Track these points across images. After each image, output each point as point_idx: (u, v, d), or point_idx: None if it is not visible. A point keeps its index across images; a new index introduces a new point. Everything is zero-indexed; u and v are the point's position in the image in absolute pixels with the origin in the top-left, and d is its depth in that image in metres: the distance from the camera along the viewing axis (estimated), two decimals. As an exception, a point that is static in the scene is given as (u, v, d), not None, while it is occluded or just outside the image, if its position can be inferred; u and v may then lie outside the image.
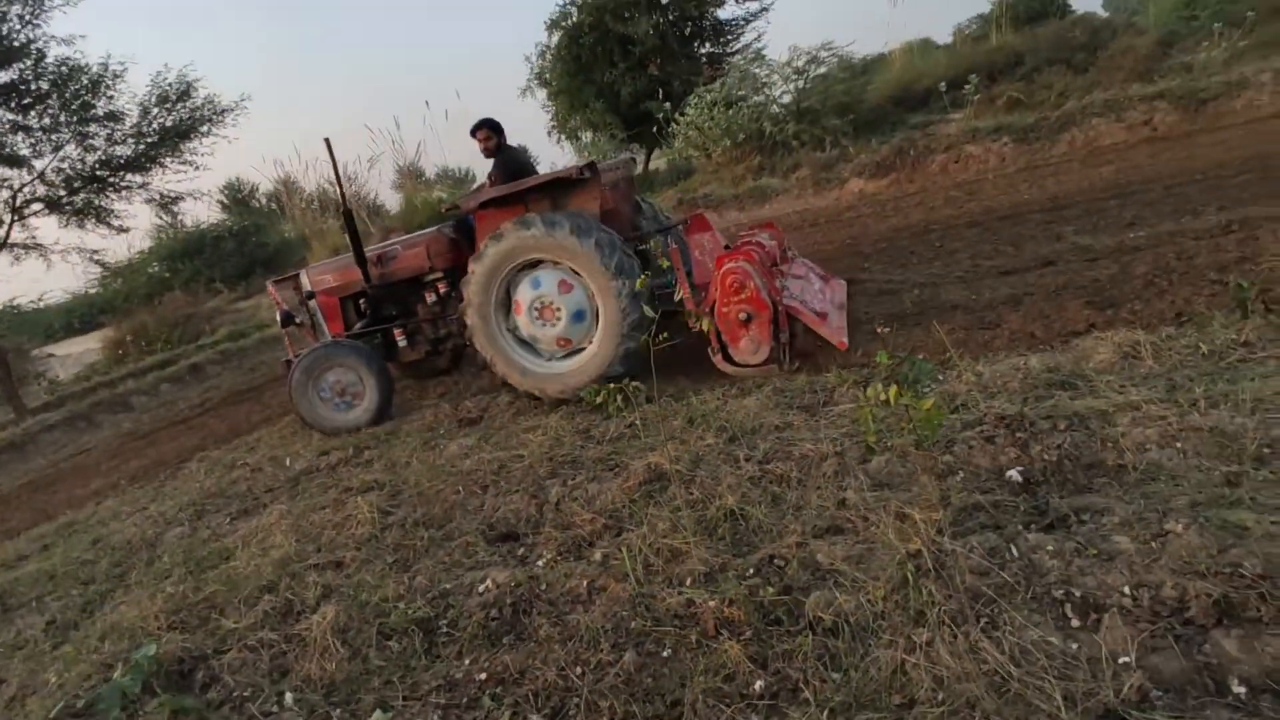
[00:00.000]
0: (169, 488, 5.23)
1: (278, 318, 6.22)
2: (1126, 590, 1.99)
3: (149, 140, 12.47)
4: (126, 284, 19.94)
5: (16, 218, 11.68)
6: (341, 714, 2.34)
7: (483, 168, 8.53)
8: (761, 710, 1.99)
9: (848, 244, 7.97)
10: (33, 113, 11.83)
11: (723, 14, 16.93)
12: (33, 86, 11.67)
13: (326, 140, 5.40)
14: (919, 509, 2.51)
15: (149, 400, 10.26)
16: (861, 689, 1.97)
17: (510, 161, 5.68)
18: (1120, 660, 1.82)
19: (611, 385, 4.37)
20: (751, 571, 2.50)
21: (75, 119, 12.03)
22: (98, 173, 12.19)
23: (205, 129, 12.89)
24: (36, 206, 11.89)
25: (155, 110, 12.43)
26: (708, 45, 17.38)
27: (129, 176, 12.51)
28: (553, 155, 33.44)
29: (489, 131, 5.67)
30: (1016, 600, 2.09)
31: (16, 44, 11.27)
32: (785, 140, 13.20)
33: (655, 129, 15.72)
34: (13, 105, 11.65)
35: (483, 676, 2.33)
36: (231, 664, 2.66)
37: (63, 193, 11.93)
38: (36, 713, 2.68)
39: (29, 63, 11.56)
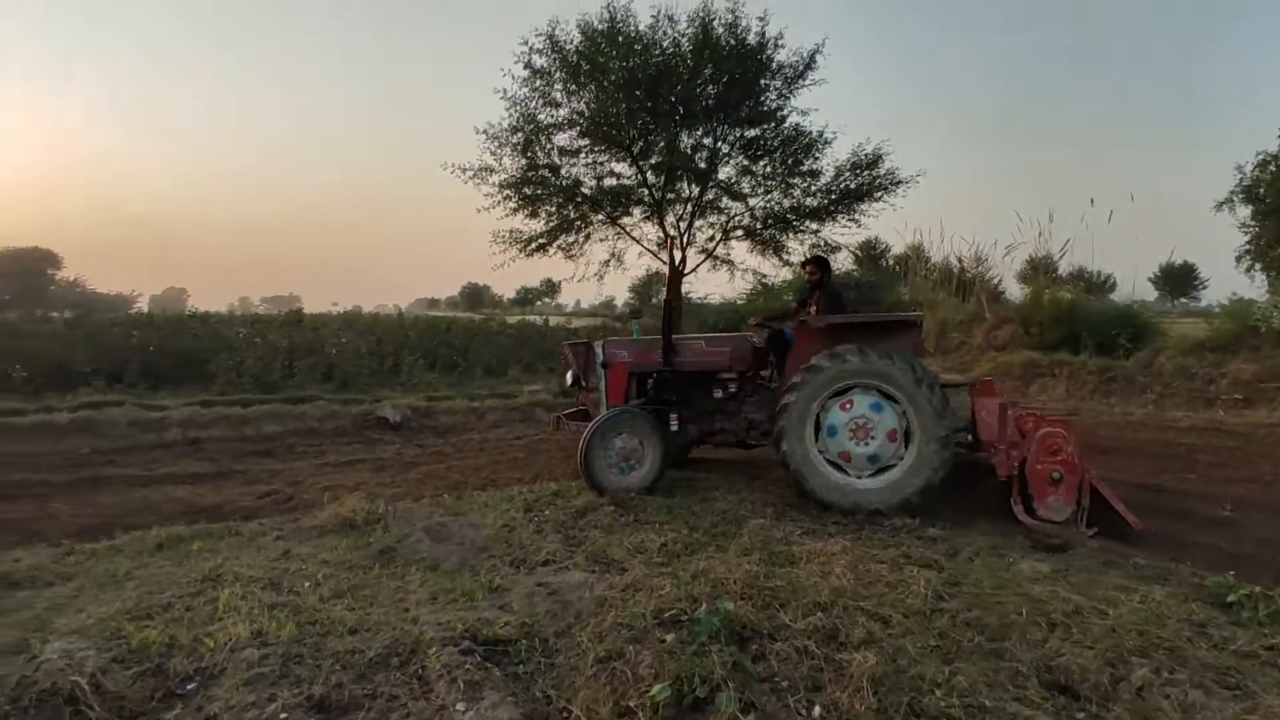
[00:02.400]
0: (758, 484, 6.18)
1: (568, 377, 6.85)
2: None
3: (832, 196, 14.73)
4: (765, 303, 23.92)
5: (723, 237, 15.22)
6: (857, 754, 2.49)
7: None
8: None
9: None
10: (761, 162, 15.16)
11: None
12: (768, 143, 14.93)
13: (669, 241, 6.15)
14: None
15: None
16: None
17: (833, 294, 6.62)
18: None
19: (1258, 588, 3.55)
20: None
21: (785, 171, 14.97)
22: (787, 215, 14.99)
23: (879, 195, 14.57)
24: (738, 233, 15.30)
25: (846, 174, 14.59)
26: None
27: (808, 223, 15.05)
28: (1235, 282, 27.64)
29: (815, 267, 6.78)
30: None
31: (767, 109, 14.54)
32: None
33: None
34: (749, 154, 15.11)
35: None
36: (780, 653, 3.07)
37: (759, 226, 15.05)
38: (644, 604, 3.54)
39: (772, 125, 14.81)
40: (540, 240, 15.77)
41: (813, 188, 14.88)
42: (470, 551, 4.58)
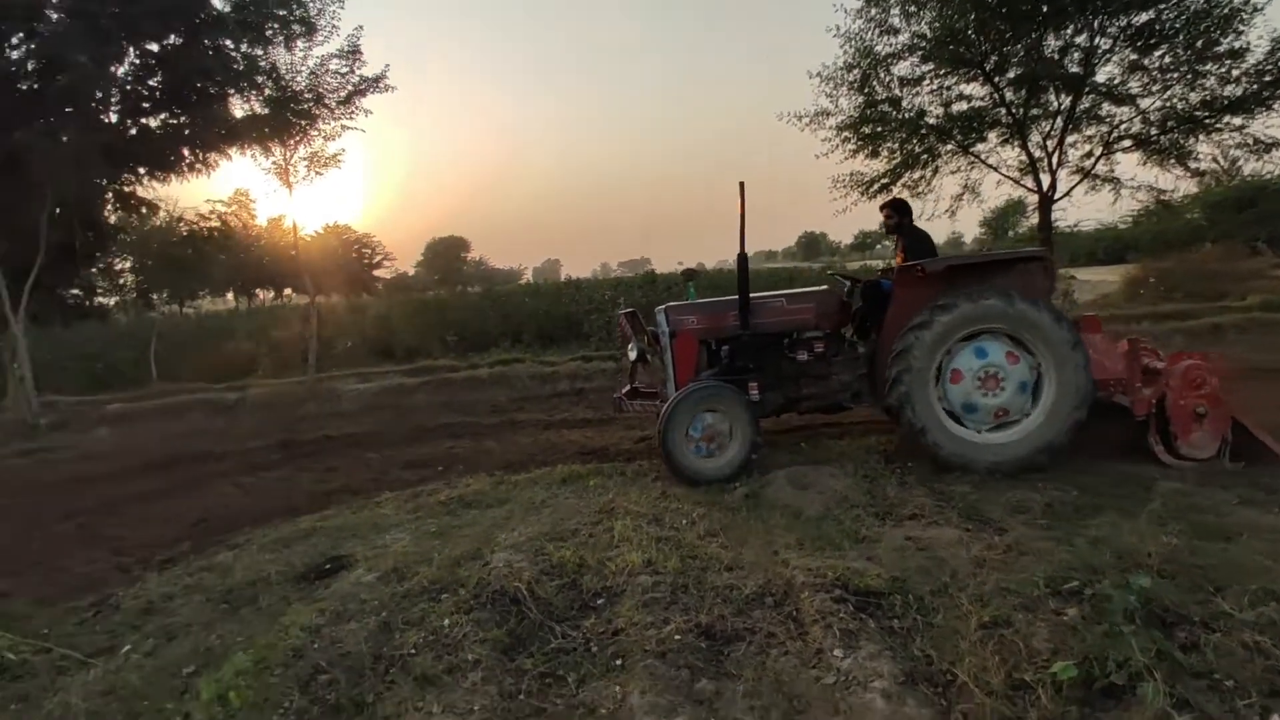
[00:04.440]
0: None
1: (630, 351, 6.08)
2: None
3: (1265, 79, 11.45)
4: (1161, 224, 19.76)
5: (1105, 152, 12.84)
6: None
7: None
8: None
9: None
10: (1156, 53, 12.34)
11: None
12: (1165, 27, 12.07)
13: (741, 184, 5.26)
14: None
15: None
16: None
17: (918, 236, 5.90)
18: None
19: None
20: None
21: (1193, 58, 11.98)
22: (1195, 113, 12.05)
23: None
24: (1125, 143, 12.74)
25: (1290, 46, 11.23)
26: None
27: (1227, 118, 11.93)
28: None
29: (891, 210, 5.99)
30: None
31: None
32: None
33: None
34: (1138, 45, 12.39)
35: None
36: (1219, 646, 2.58)
37: (1154, 131, 12.37)
38: (1032, 570, 3.23)
39: (1170, 3, 11.92)
40: (883, 180, 14.90)
41: (1234, 72, 11.66)
42: (833, 500, 4.62)
